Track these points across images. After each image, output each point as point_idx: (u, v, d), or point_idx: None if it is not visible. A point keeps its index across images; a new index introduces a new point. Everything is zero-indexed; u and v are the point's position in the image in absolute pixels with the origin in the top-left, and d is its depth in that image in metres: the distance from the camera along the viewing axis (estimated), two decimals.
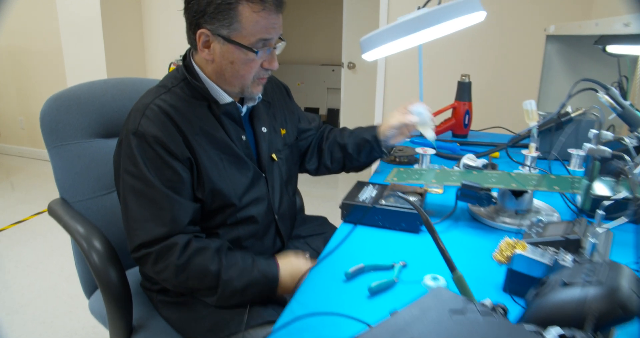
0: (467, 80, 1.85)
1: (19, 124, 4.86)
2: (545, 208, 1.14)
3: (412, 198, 1.06)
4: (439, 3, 0.99)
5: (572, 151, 1.55)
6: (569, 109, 1.63)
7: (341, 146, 1.39)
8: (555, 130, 1.59)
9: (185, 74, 1.10)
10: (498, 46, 2.78)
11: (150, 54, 4.04)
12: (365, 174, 1.51)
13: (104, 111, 1.38)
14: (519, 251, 0.77)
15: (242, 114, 1.17)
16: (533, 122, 1.48)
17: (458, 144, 1.67)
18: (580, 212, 1.08)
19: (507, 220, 1.07)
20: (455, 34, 1.11)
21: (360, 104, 4.20)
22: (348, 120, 4.23)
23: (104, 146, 1.38)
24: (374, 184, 1.17)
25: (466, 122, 1.88)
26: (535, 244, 0.81)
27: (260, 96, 1.19)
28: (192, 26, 1.03)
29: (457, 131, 1.90)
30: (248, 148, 1.16)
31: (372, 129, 1.35)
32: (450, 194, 1.27)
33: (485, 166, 1.17)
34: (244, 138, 1.15)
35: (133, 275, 1.35)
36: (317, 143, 1.45)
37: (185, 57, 1.14)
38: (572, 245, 0.79)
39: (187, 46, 1.12)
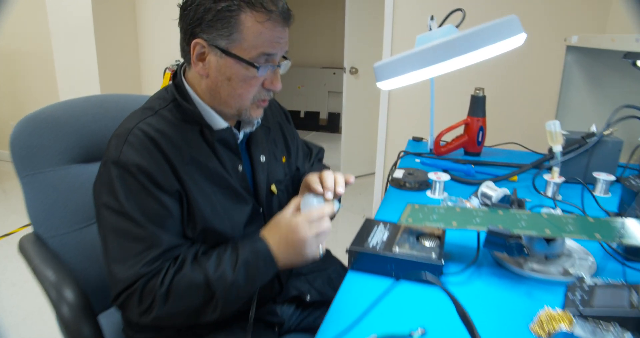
0: (481, 94, 1.72)
1: (10, 129, 4.71)
2: (578, 249, 1.01)
3: (430, 242, 0.93)
4: (462, 19, 0.85)
5: (597, 175, 1.41)
6: (593, 128, 1.49)
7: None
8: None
9: (174, 94, 0.97)
10: (513, 56, 2.64)
11: (145, 58, 3.90)
12: (369, 199, 1.36)
13: (84, 132, 1.24)
14: (564, 327, 0.63)
15: (239, 141, 1.03)
16: (557, 146, 1.35)
17: (472, 165, 1.54)
18: (625, 259, 0.95)
19: (536, 266, 0.93)
20: None
21: (362, 109, 4.07)
22: (350, 125, 4.10)
23: (83, 172, 1.25)
24: (384, 223, 1.03)
25: (479, 139, 1.74)
26: (583, 317, 0.67)
27: (259, 120, 1.06)
28: (187, 36, 0.91)
29: (469, 148, 1.77)
30: (245, 180, 1.03)
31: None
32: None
33: (510, 203, 1.04)
34: (240, 168, 1.02)
35: (110, 316, 1.22)
36: None
37: (176, 75, 1.01)
38: (632, 323, 0.65)
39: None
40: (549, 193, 1.35)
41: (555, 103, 1.82)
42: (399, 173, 1.42)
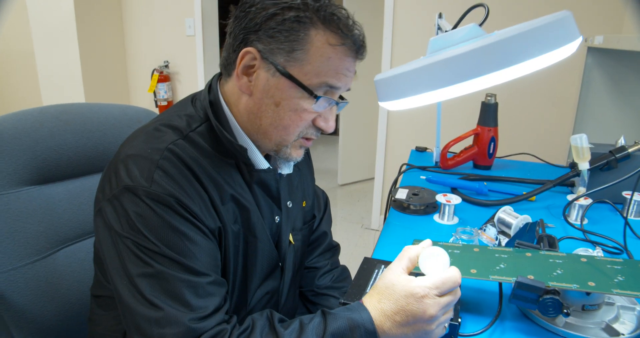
0: (492, 101, 1.54)
1: None
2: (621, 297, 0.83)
3: None
4: (484, 18, 0.67)
5: (627, 194, 1.24)
6: (621, 140, 1.32)
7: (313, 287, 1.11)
8: (605, 168, 1.28)
9: (209, 116, 0.78)
10: None
11: (132, 59, 3.71)
12: (367, 207, 1.19)
13: (38, 150, 1.06)
14: None
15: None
16: (584, 163, 1.18)
17: (485, 183, 1.36)
18: None
19: (572, 319, 0.76)
20: None
21: (361, 112, 3.90)
22: (348, 128, 3.92)
23: (37, 195, 1.06)
24: (387, 263, 0.86)
25: (491, 151, 1.56)
26: None
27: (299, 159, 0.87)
28: (237, 42, 0.74)
29: (479, 161, 1.59)
30: (279, 233, 0.87)
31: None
32: None
33: (537, 240, 0.86)
34: (277, 219, 0.86)
35: None
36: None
37: (211, 89, 0.81)
38: None
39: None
40: (573, 216, 1.18)
41: (574, 110, 1.65)
42: (402, 194, 1.24)
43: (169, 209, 0.68)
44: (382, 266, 0.84)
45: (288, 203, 0.91)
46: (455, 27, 0.71)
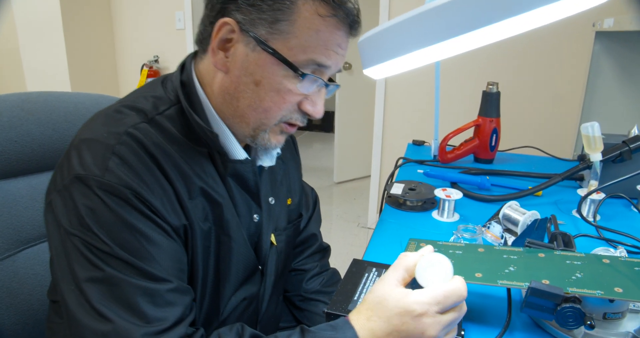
0: (494, 90, 1.44)
1: None
2: None
3: None
4: None
5: None
6: (635, 130, 1.22)
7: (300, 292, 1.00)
8: (618, 160, 1.18)
9: (179, 97, 0.68)
10: (531, 45, 2.34)
11: (121, 54, 3.60)
12: (364, 205, 1.08)
13: None
14: None
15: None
16: (596, 154, 1.08)
17: (487, 177, 1.26)
18: None
19: (593, 331, 0.66)
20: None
21: (357, 107, 3.80)
22: (344, 124, 3.82)
23: None
24: (378, 266, 0.75)
25: (493, 144, 1.46)
26: None
27: (279, 151, 0.78)
28: (213, 13, 0.65)
29: (480, 154, 1.49)
30: (258, 232, 0.77)
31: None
32: None
33: (550, 238, 0.76)
34: (256, 218, 0.76)
35: None
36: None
37: (184, 68, 0.71)
38: None
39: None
40: (586, 212, 1.08)
41: (581, 100, 1.54)
42: (397, 188, 1.14)
43: (125, 203, 0.58)
44: (374, 269, 0.74)
45: (270, 199, 0.81)
46: None
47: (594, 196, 1.07)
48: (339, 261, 1.01)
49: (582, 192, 1.10)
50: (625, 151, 1.15)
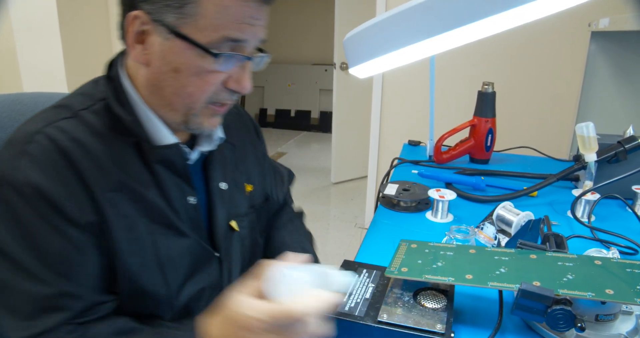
0: (490, 90, 1.43)
1: None
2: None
3: (433, 303, 0.65)
4: None
5: (637, 189, 1.13)
6: (630, 130, 1.21)
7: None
8: (614, 160, 1.17)
9: (106, 92, 0.69)
10: (527, 45, 2.32)
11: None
12: (361, 205, 1.07)
13: None
14: None
15: (191, 162, 0.75)
16: (591, 154, 1.07)
17: (482, 177, 1.25)
18: None
19: (585, 332, 0.65)
20: None
21: (354, 108, 3.79)
22: (341, 124, 3.82)
23: None
24: (369, 268, 0.74)
25: (488, 144, 1.45)
26: None
27: (221, 135, 0.78)
28: (124, 6, 0.64)
29: (476, 154, 1.48)
30: (198, 217, 0.75)
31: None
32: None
33: (543, 239, 0.75)
34: (192, 200, 0.73)
35: None
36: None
37: (112, 65, 0.72)
38: None
39: None
40: (579, 213, 1.07)
41: (577, 100, 1.54)
42: (391, 189, 1.13)
43: (26, 202, 0.61)
44: (364, 270, 0.73)
45: (221, 184, 0.80)
46: None
47: (589, 196, 1.06)
48: (336, 262, 1.00)
49: (577, 193, 1.09)
50: (620, 152, 1.14)
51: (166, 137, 0.69)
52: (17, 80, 3.54)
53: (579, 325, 0.56)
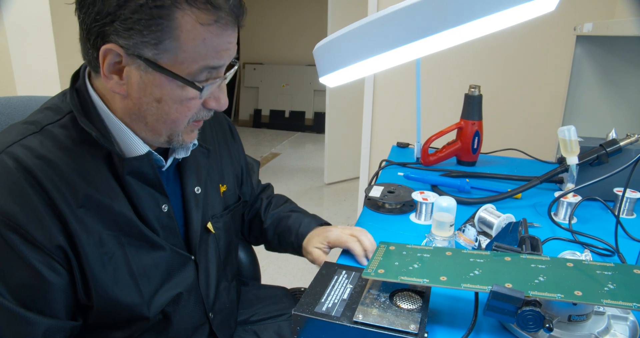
0: (476, 93, 1.45)
1: None
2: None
3: (408, 303, 0.66)
4: None
5: (619, 191, 1.15)
6: (612, 133, 1.23)
7: (262, 228, 1.06)
8: (596, 163, 1.19)
9: (74, 106, 0.68)
10: (513, 48, 2.34)
11: None
12: (354, 206, 1.09)
13: None
14: None
15: (164, 168, 0.76)
16: (573, 158, 1.09)
17: (467, 179, 1.27)
18: None
19: (557, 332, 0.67)
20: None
21: (347, 109, 3.80)
22: (334, 126, 3.83)
23: None
24: (349, 269, 0.76)
25: (475, 146, 1.47)
26: None
27: (195, 142, 0.79)
28: (92, 37, 0.62)
29: (463, 157, 1.50)
30: (172, 223, 0.76)
31: (298, 237, 1.01)
32: None
33: (519, 242, 0.76)
34: (165, 208, 0.74)
35: None
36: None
37: (77, 78, 0.71)
38: None
39: None
40: (561, 215, 1.09)
41: (563, 103, 1.56)
42: (376, 191, 1.15)
43: None
44: (344, 272, 0.74)
45: (196, 189, 0.81)
46: None
47: (571, 199, 1.08)
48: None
49: (558, 194, 1.10)
50: (602, 154, 1.16)
51: (138, 147, 0.70)
52: (10, 82, 3.53)
53: (547, 325, 0.58)
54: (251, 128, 6.17)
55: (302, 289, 1.38)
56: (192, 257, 0.80)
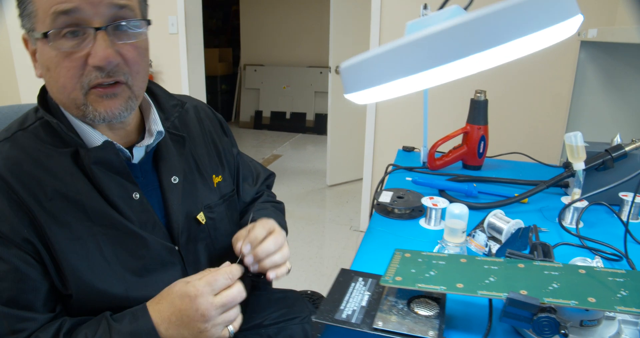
0: (482, 98, 1.46)
1: None
2: None
3: (426, 310, 0.68)
4: (470, 2, 0.60)
5: (624, 195, 1.17)
6: (617, 138, 1.25)
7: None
8: (601, 168, 1.20)
9: (38, 101, 0.75)
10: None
11: None
12: (356, 208, 1.10)
13: None
14: None
15: (137, 161, 0.79)
16: (579, 163, 1.10)
17: (474, 184, 1.28)
18: None
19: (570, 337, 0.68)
20: None
21: (350, 111, 3.82)
22: (336, 128, 3.85)
23: None
24: (365, 276, 0.77)
25: (481, 151, 1.49)
26: None
27: (159, 129, 0.80)
28: None
29: (469, 161, 1.52)
30: (147, 211, 0.77)
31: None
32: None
33: (531, 249, 0.78)
34: (136, 196, 0.76)
35: None
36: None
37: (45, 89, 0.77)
38: None
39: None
40: (568, 220, 1.11)
41: (567, 107, 1.58)
42: (386, 197, 1.16)
43: None
44: (360, 279, 0.76)
45: (173, 178, 0.82)
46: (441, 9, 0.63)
47: (577, 203, 1.10)
48: (331, 264, 1.04)
49: (566, 200, 1.12)
50: (608, 160, 1.18)
51: (95, 138, 0.73)
52: (13, 85, 3.55)
53: (562, 332, 0.59)
54: (252, 129, 6.19)
55: (309, 292, 1.41)
56: (176, 248, 0.81)
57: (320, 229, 3.19)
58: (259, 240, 0.81)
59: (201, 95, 3.51)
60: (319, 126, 5.90)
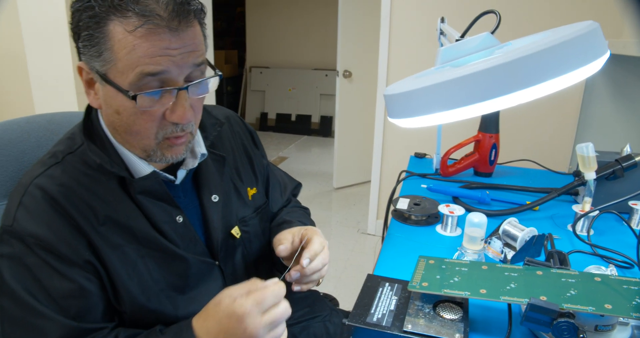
0: None
1: None
2: None
3: (450, 314, 0.72)
4: (496, 26, 0.64)
5: (634, 204, 1.21)
6: (627, 148, 1.29)
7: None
8: (612, 177, 1.25)
9: (85, 136, 0.76)
10: None
11: None
12: (364, 211, 1.14)
13: (25, 160, 1.02)
14: None
15: (179, 181, 0.83)
16: (591, 173, 1.15)
17: (487, 191, 1.33)
18: None
19: None
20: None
21: (357, 114, 3.87)
22: (344, 130, 3.89)
23: None
24: (391, 281, 0.82)
25: (492, 158, 1.53)
26: None
27: (203, 151, 0.84)
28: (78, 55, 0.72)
29: (480, 168, 1.56)
30: (189, 231, 0.81)
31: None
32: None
33: (547, 256, 0.83)
34: (180, 219, 0.80)
35: None
36: None
37: (91, 108, 0.80)
38: None
39: None
40: (579, 228, 1.15)
41: (576, 116, 1.62)
42: (403, 203, 1.21)
43: (28, 249, 0.69)
44: (387, 284, 0.81)
45: (213, 197, 0.86)
46: (463, 35, 0.67)
47: (590, 213, 1.14)
48: (339, 267, 1.08)
49: (576, 208, 1.17)
50: (618, 169, 1.22)
51: (142, 169, 0.76)
52: (25, 84, 3.59)
53: (582, 336, 0.64)
54: (257, 131, 6.22)
55: (321, 294, 1.45)
56: (217, 262, 0.86)
57: (327, 231, 3.23)
58: (317, 255, 0.84)
59: (207, 97, 3.55)
60: (324, 128, 5.95)
